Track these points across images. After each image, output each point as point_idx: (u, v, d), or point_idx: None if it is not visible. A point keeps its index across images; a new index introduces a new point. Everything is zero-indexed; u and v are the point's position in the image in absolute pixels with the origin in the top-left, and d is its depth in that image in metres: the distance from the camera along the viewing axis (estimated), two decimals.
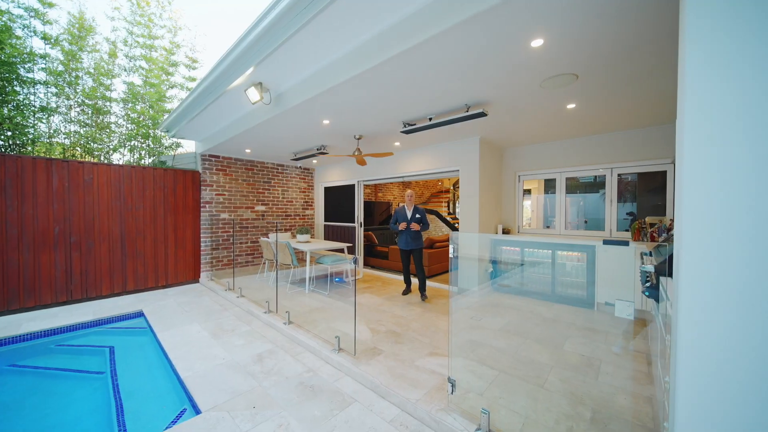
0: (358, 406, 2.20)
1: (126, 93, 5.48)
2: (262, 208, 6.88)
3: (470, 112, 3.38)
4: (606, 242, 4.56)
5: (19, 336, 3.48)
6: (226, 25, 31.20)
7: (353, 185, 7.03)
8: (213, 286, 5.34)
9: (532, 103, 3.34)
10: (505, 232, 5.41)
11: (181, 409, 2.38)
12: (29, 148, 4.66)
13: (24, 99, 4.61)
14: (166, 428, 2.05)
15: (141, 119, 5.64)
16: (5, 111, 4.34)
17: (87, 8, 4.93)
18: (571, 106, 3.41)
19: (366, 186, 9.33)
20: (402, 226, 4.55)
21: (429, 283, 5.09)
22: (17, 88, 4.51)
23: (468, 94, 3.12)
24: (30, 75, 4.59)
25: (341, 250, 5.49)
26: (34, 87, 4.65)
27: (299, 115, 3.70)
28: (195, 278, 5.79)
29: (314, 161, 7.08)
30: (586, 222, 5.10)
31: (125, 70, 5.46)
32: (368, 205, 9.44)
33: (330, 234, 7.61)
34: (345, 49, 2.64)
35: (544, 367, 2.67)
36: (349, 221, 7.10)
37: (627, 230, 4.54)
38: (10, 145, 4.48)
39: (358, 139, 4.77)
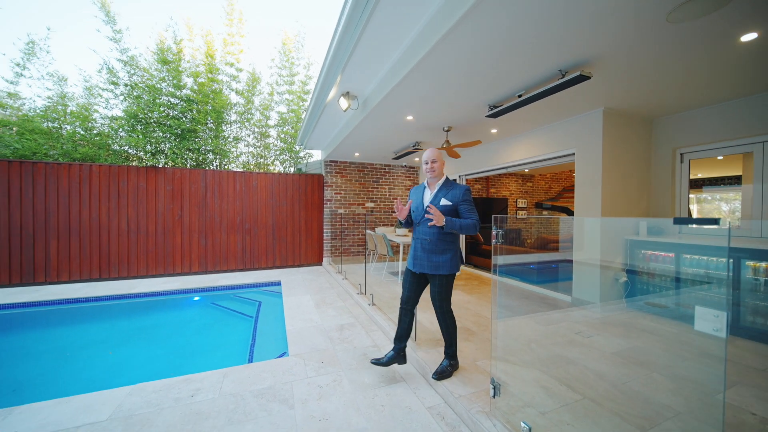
0: (404, 386, 2.26)
1: (278, 120, 7.39)
2: (371, 204, 7.71)
3: (566, 78, 2.77)
4: None
5: (217, 287, 5.33)
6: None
7: (454, 180, 6.87)
8: (329, 269, 6.45)
9: (668, 48, 2.42)
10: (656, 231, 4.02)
11: (282, 351, 3.10)
12: (226, 166, 7.02)
13: (226, 134, 6.98)
14: (270, 359, 2.74)
15: (287, 138, 7.46)
16: (218, 143, 6.72)
17: (256, 64, 6.91)
18: (749, 37, 2.26)
19: (476, 181, 8.88)
20: (402, 213, 2.27)
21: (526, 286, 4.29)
22: (223, 127, 6.89)
23: (562, 56, 2.59)
24: (228, 117, 6.92)
25: None
26: (230, 125, 6.98)
27: (383, 114, 4.02)
28: (319, 261, 7.14)
29: (416, 159, 7.35)
30: None
31: (277, 102, 7.38)
32: (478, 202, 8.94)
33: None
34: (406, 40, 2.73)
35: (665, 409, 1.92)
36: None
37: None
38: (217, 164, 6.89)
39: (447, 131, 4.68)
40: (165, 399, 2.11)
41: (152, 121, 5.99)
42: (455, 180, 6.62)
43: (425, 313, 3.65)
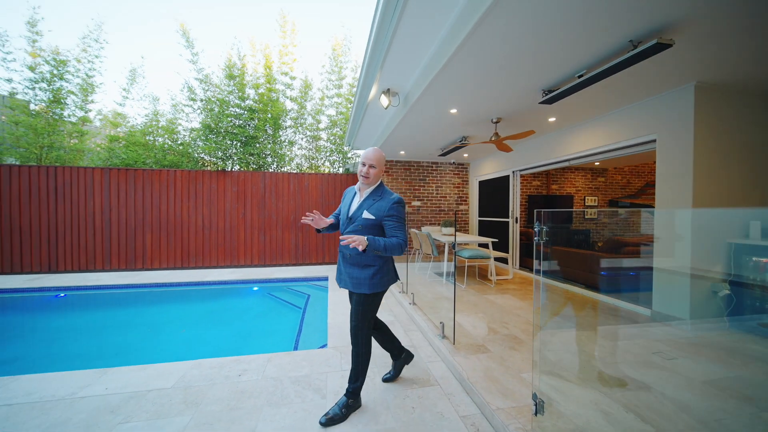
0: (438, 390, 2.15)
1: (327, 123, 7.75)
2: (418, 203, 7.60)
3: (639, 49, 2.34)
4: None
5: (273, 279, 5.80)
6: None
7: (508, 176, 6.39)
8: None
9: None
10: None
11: (323, 343, 3.21)
12: (282, 168, 7.60)
13: (282, 139, 7.57)
14: (311, 349, 2.87)
15: (336, 140, 7.78)
16: (275, 147, 7.33)
17: (308, 71, 7.33)
18: None
19: (534, 176, 8.14)
20: (317, 223, 1.93)
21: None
22: (279, 132, 7.48)
23: (632, 22, 2.20)
24: (284, 123, 7.49)
25: (487, 246, 5.17)
26: (285, 130, 7.55)
27: (425, 109, 3.90)
28: None
29: (465, 155, 7.01)
30: None
31: (326, 106, 7.75)
32: (537, 200, 8.18)
33: (485, 230, 7.25)
34: (444, 25, 2.60)
35: None
36: (505, 216, 6.51)
37: None
38: (275, 167, 7.49)
39: (496, 122, 4.35)
40: (217, 375, 2.34)
41: (222, 130, 6.79)
42: (511, 173, 6.14)
43: (468, 317, 3.44)
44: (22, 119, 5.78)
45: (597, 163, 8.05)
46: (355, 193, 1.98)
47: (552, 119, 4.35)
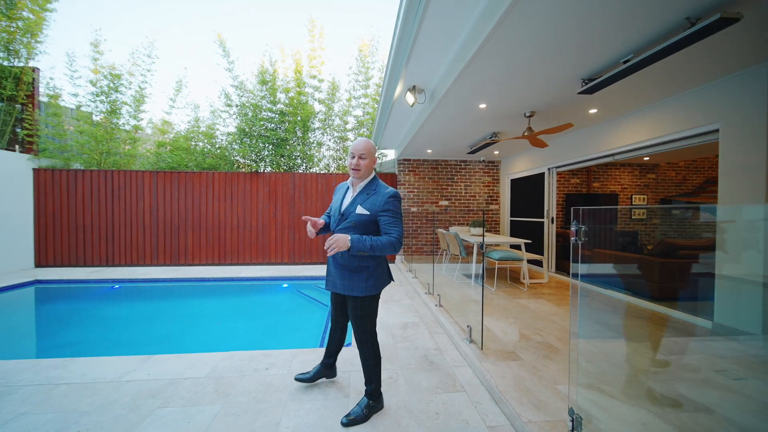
0: (464, 397, 2.05)
1: (354, 124, 7.83)
2: (446, 203, 7.42)
3: (698, 27, 2.06)
4: None
5: (301, 276, 5.96)
6: None
7: (542, 174, 6.03)
8: (400, 267, 6.47)
9: None
10: None
11: (348, 342, 3.22)
12: (311, 169, 7.80)
13: (311, 140, 7.77)
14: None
15: None
16: (304, 149, 7.54)
17: (335, 72, 7.45)
18: None
19: (573, 174, 7.62)
20: (312, 234, 1.88)
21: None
22: (308, 134, 7.69)
23: None
24: (312, 125, 7.68)
25: (519, 247, 4.90)
26: (314, 132, 7.74)
27: (452, 105, 3.78)
28: (392, 259, 7.24)
29: (496, 152, 6.73)
30: None
31: (354, 107, 7.82)
32: (576, 199, 7.65)
33: (517, 231, 6.91)
34: (472, 15, 2.49)
35: None
36: (539, 217, 6.15)
37: None
38: (304, 168, 7.71)
39: (530, 116, 4.11)
40: (246, 368, 2.43)
41: (255, 134, 7.12)
42: (546, 170, 5.80)
43: (498, 322, 3.28)
44: (85, 129, 6.48)
45: (646, 158, 7.35)
46: (348, 188, 1.88)
47: (593, 111, 4.02)
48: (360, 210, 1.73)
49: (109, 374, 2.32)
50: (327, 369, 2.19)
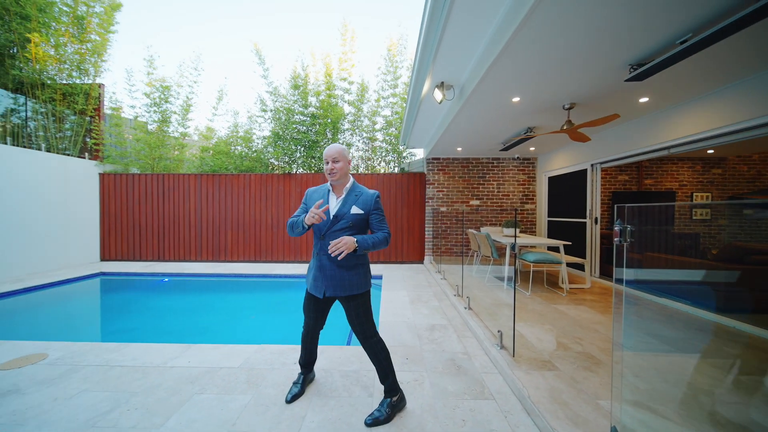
0: (493, 406, 1.94)
1: (383, 124, 7.85)
2: (477, 202, 7.17)
3: None
4: None
5: None
6: None
7: (585, 170, 5.59)
8: (429, 268, 6.35)
9: None
10: None
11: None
12: None
13: (341, 141, 7.92)
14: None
15: (392, 140, 7.83)
16: None
17: (364, 73, 7.53)
18: None
19: (620, 170, 6.98)
20: (312, 219, 1.65)
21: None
22: (338, 136, 7.85)
23: None
24: (342, 126, 7.83)
25: (557, 249, 4.58)
26: (343, 133, 7.88)
27: (483, 99, 3.63)
28: (420, 260, 7.15)
29: (532, 148, 6.36)
30: None
31: (382, 107, 7.85)
32: (624, 197, 7.00)
33: (556, 232, 6.48)
34: (500, 8, 2.36)
35: None
36: (581, 217, 5.72)
37: None
38: None
39: (569, 108, 3.82)
40: (276, 361, 2.52)
41: (288, 136, 7.41)
42: (589, 166, 5.41)
43: (532, 328, 3.08)
44: (141, 137, 7.18)
45: (710, 151, 6.52)
46: (329, 191, 1.87)
47: (644, 99, 3.64)
48: (355, 210, 1.80)
49: (155, 360, 2.52)
50: (310, 374, 2.20)
